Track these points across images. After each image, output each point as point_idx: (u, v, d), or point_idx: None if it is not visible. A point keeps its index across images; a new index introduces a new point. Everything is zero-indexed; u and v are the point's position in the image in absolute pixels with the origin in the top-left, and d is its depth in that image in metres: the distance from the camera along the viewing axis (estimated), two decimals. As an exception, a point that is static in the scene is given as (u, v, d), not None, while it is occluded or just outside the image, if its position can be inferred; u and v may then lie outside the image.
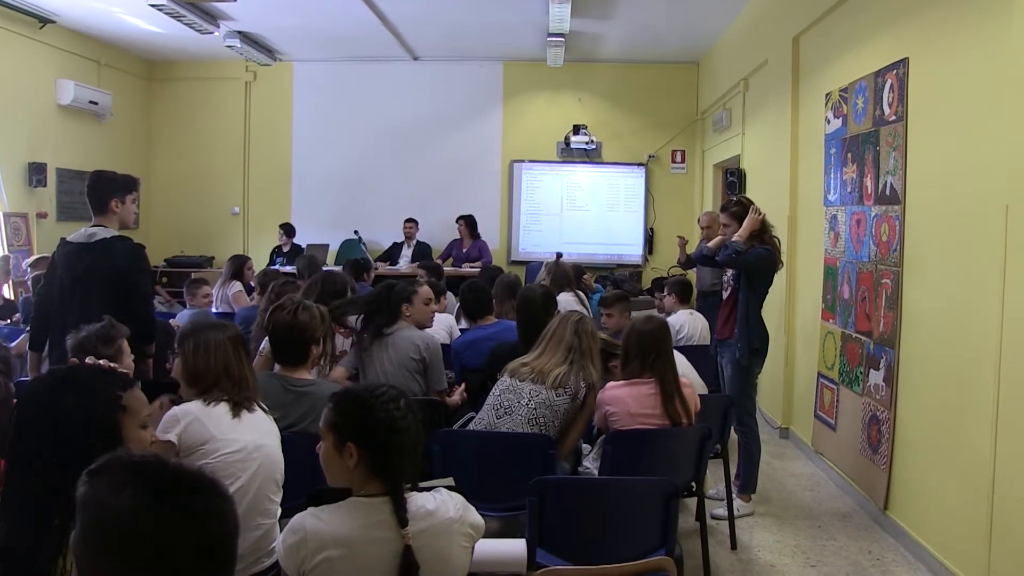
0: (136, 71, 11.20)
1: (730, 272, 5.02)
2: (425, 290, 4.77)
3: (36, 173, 9.00)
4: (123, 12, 8.80)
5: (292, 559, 2.02)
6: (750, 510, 4.96)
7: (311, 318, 3.45)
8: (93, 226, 4.46)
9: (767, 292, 4.94)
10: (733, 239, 4.85)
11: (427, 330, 4.71)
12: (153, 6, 7.88)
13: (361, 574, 2.02)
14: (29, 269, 7.53)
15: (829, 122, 5.71)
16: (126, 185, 4.55)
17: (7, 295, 7.91)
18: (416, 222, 10.52)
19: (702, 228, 7.73)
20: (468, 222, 10.36)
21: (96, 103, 9.87)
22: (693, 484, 3.95)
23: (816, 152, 5.96)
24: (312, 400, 3.32)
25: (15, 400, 2.67)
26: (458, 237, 10.45)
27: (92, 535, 1.24)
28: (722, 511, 4.71)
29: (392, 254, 10.47)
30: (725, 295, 5.06)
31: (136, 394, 2.05)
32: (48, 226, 9.30)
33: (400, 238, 10.60)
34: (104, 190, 4.48)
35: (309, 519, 2.04)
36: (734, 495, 4.94)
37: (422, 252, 10.37)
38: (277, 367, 3.49)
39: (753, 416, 5.03)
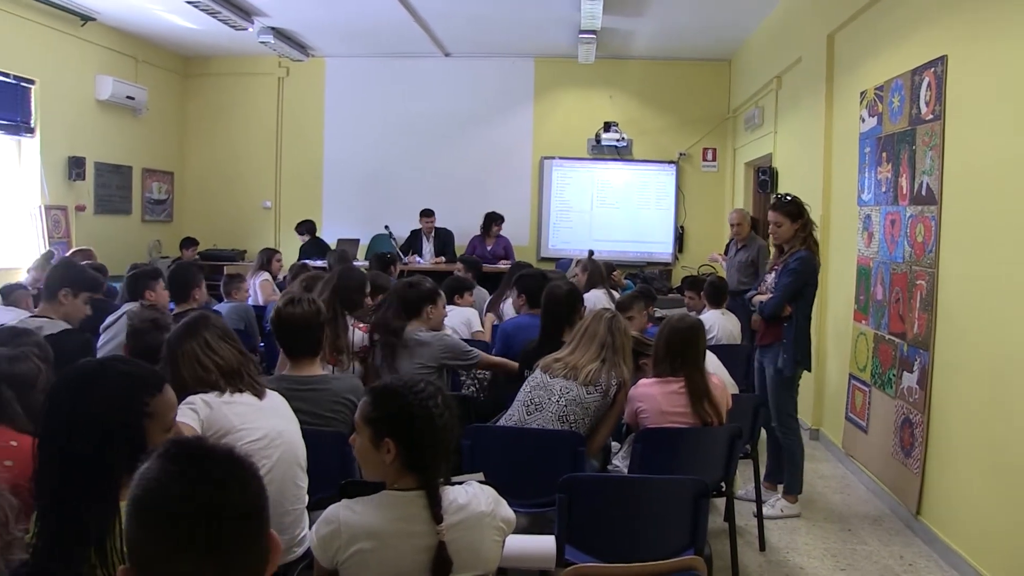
0: (172, 67, 11.31)
1: (770, 278, 4.95)
2: (477, 290, 4.75)
3: (75, 167, 9.13)
4: (160, 9, 8.89)
5: (326, 550, 2.03)
6: (796, 511, 4.91)
7: (317, 311, 3.44)
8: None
9: (814, 297, 4.86)
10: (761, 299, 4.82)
11: (446, 324, 4.74)
12: (189, 2, 7.97)
13: (393, 567, 2.02)
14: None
15: (864, 121, 5.65)
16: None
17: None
18: (432, 215, 10.36)
19: (732, 226, 7.69)
20: (498, 220, 10.36)
21: (133, 98, 9.98)
22: (723, 484, 3.92)
23: (850, 151, 5.90)
24: (327, 395, 3.32)
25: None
26: (478, 234, 10.43)
27: (131, 511, 1.26)
28: (769, 510, 4.71)
29: (412, 242, 10.46)
30: (763, 299, 4.96)
31: (163, 398, 1.99)
32: (86, 219, 9.43)
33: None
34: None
35: (343, 511, 2.05)
36: (779, 496, 4.92)
37: (444, 242, 10.36)
38: (288, 366, 3.46)
39: (795, 417, 4.96)
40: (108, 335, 4.67)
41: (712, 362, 4.16)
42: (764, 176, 8.41)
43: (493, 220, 10.26)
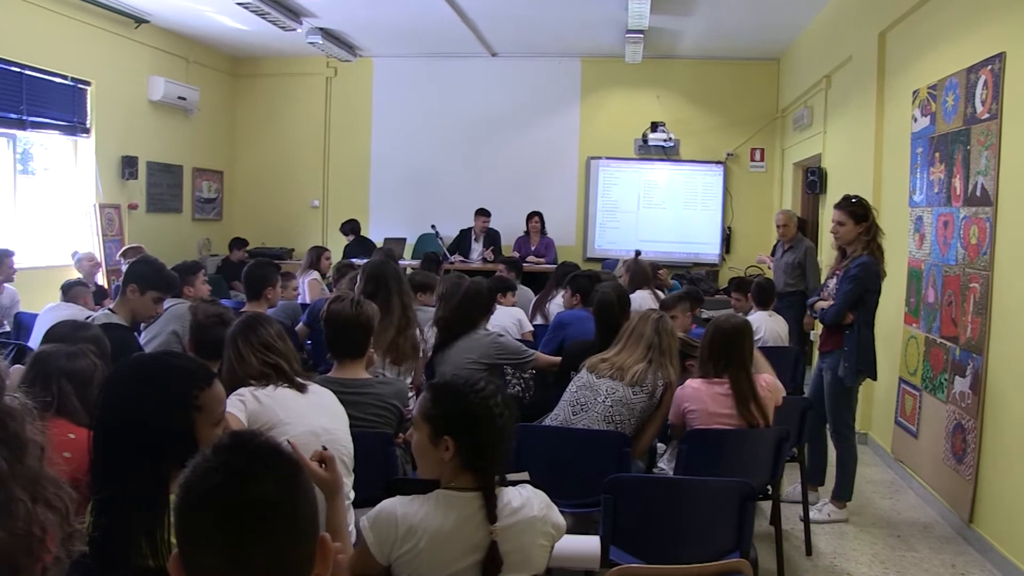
0: (222, 67, 11.48)
1: (832, 283, 4.88)
2: (521, 290, 4.78)
3: (128, 166, 9.32)
4: (211, 10, 9.03)
5: (382, 545, 2.03)
6: (844, 516, 4.85)
7: (374, 312, 3.46)
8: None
9: (877, 305, 4.75)
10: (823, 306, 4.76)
11: (496, 323, 4.76)
12: (240, 4, 8.07)
13: (444, 566, 2.03)
14: (122, 259, 7.77)
15: (916, 120, 5.55)
16: None
17: (101, 283, 8.19)
18: (488, 215, 10.42)
19: (778, 227, 7.61)
20: (540, 219, 10.37)
21: (184, 99, 10.15)
22: (769, 487, 3.89)
23: (901, 151, 5.80)
24: (371, 399, 3.33)
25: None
26: (523, 234, 10.43)
27: (175, 498, 1.27)
28: (816, 514, 4.66)
29: (461, 242, 10.51)
30: (824, 306, 4.91)
31: (213, 392, 2.02)
32: (138, 217, 9.62)
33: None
34: None
35: (399, 506, 2.06)
36: (828, 501, 4.86)
37: (493, 241, 10.40)
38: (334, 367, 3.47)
39: (851, 427, 4.89)
40: (151, 332, 4.74)
41: (760, 364, 4.12)
42: (813, 177, 8.31)
43: (480, 214, 10.35)
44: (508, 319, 5.61)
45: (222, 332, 3.55)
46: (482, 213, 10.37)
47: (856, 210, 4.70)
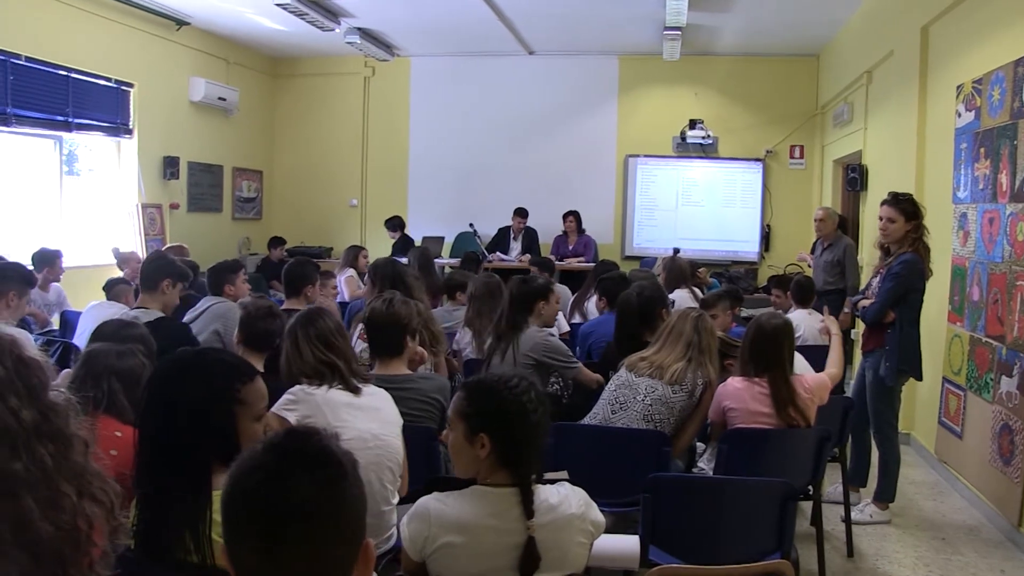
0: (261, 68, 11.60)
1: (875, 282, 4.81)
2: (557, 290, 4.76)
3: (170, 166, 9.46)
4: (251, 12, 9.12)
5: (414, 541, 2.05)
6: (887, 518, 4.79)
7: (408, 311, 3.48)
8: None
9: (921, 304, 4.68)
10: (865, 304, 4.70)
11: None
12: (278, 5, 8.14)
13: (481, 562, 2.04)
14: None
15: (960, 115, 5.46)
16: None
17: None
18: (526, 214, 10.44)
19: (815, 221, 7.52)
20: (576, 218, 10.34)
21: (224, 99, 10.27)
22: (810, 487, 3.85)
23: (944, 147, 5.71)
24: (413, 395, 3.36)
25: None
26: (561, 233, 10.42)
27: (222, 496, 1.29)
28: (858, 515, 4.61)
29: (500, 240, 10.52)
30: (866, 304, 4.83)
31: (255, 387, 2.05)
32: (179, 216, 9.75)
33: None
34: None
35: (433, 503, 2.08)
36: (870, 501, 4.80)
37: (531, 239, 10.40)
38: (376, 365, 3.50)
39: (894, 426, 4.82)
40: (194, 329, 4.80)
41: (799, 364, 4.08)
42: (853, 174, 8.21)
43: (580, 218, 10.29)
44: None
45: (271, 324, 3.66)
46: (519, 213, 10.39)
47: (907, 207, 4.63)
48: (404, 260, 7.99)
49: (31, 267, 5.65)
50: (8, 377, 1.09)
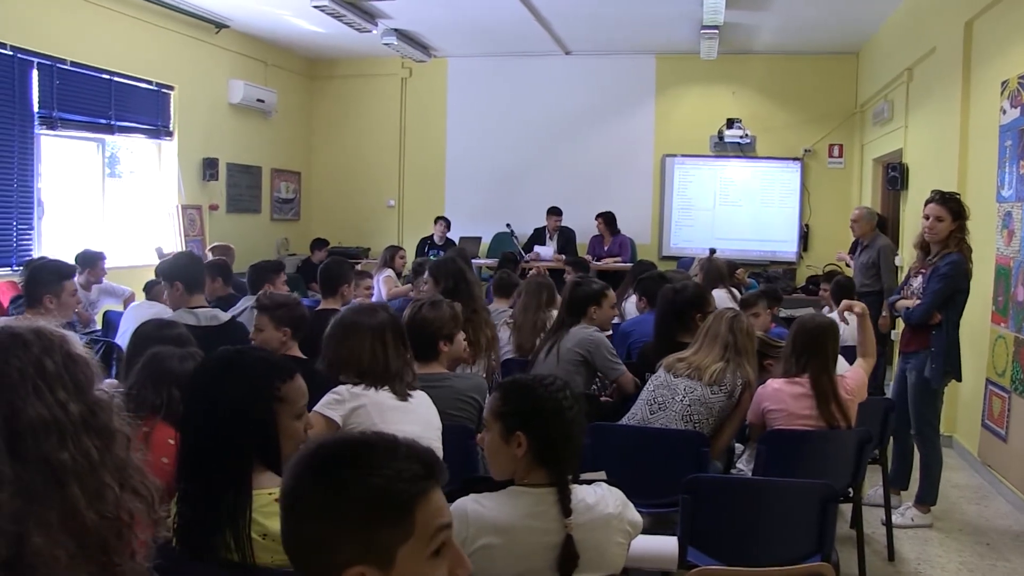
0: (299, 70, 11.71)
1: (916, 282, 4.75)
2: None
3: (209, 168, 9.59)
4: (289, 14, 9.21)
5: None
6: (928, 521, 4.71)
7: (438, 314, 3.49)
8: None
9: (964, 305, 4.61)
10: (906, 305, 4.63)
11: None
12: (316, 7, 8.21)
13: (519, 563, 2.04)
14: (210, 254, 7.95)
15: (1005, 112, 5.37)
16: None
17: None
18: (560, 213, 10.42)
19: (851, 223, 7.43)
20: (607, 219, 10.30)
21: (263, 101, 10.38)
22: (850, 490, 3.80)
23: (988, 145, 5.62)
24: (447, 392, 3.36)
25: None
26: (598, 233, 10.41)
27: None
28: (899, 518, 4.55)
29: (536, 240, 10.51)
30: (906, 304, 4.76)
31: (295, 385, 2.07)
32: (219, 217, 9.88)
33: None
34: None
35: (471, 504, 2.08)
36: (911, 505, 4.73)
37: (567, 240, 10.39)
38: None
39: (935, 428, 4.76)
40: None
41: (841, 365, 4.04)
42: (894, 172, 8.10)
43: (614, 219, 10.26)
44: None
45: (304, 311, 3.85)
46: (554, 212, 10.38)
47: (954, 206, 4.55)
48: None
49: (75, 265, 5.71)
50: (57, 371, 1.12)
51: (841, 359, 4.21)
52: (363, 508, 1.19)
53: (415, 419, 2.86)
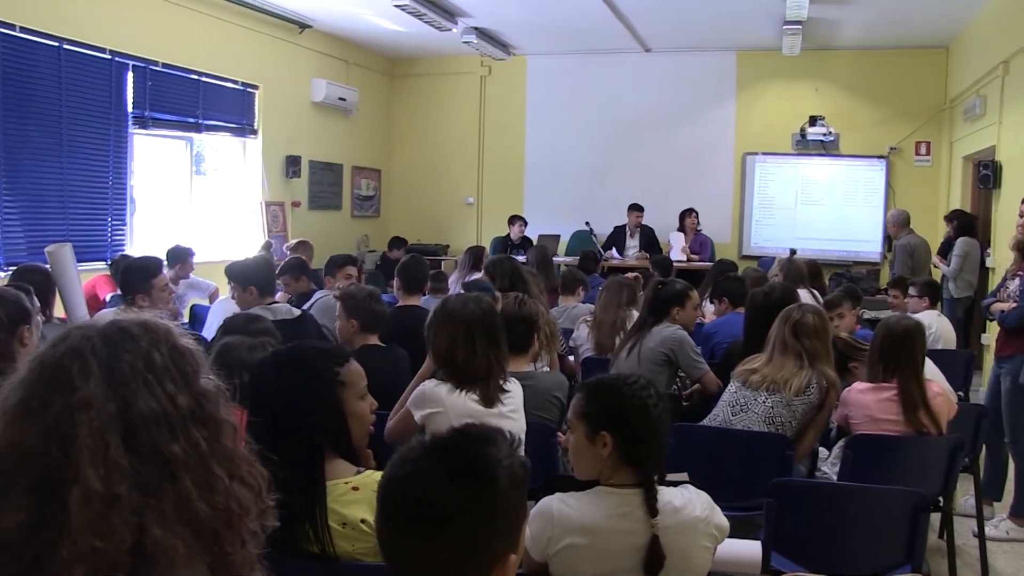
0: (379, 68, 11.85)
1: (1013, 285, 4.58)
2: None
3: (292, 165, 9.78)
4: (370, 14, 9.34)
5: (536, 541, 2.05)
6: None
7: (537, 309, 3.49)
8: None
9: None
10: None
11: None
12: (397, 6, 8.31)
13: (604, 564, 2.03)
14: (288, 251, 8.10)
15: (1108, 109, 5.15)
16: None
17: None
18: (641, 210, 10.36)
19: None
20: (690, 213, 10.22)
21: (344, 99, 10.53)
22: (940, 499, 3.68)
23: (1090, 142, 5.39)
24: (530, 392, 3.33)
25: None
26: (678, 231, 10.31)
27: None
28: (992, 530, 4.39)
29: (615, 239, 10.47)
30: (1005, 308, 4.58)
31: (352, 368, 2.17)
32: (301, 214, 10.07)
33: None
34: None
35: (556, 503, 2.08)
36: (1006, 517, 4.57)
37: (649, 237, 10.32)
38: None
39: None
40: None
41: (928, 369, 3.91)
42: (986, 171, 7.82)
43: (685, 214, 10.19)
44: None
45: (382, 307, 3.93)
46: (635, 208, 10.31)
47: None
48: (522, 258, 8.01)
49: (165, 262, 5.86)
50: (164, 364, 1.14)
51: (931, 364, 4.09)
52: (513, 500, 1.35)
53: (497, 422, 2.85)
